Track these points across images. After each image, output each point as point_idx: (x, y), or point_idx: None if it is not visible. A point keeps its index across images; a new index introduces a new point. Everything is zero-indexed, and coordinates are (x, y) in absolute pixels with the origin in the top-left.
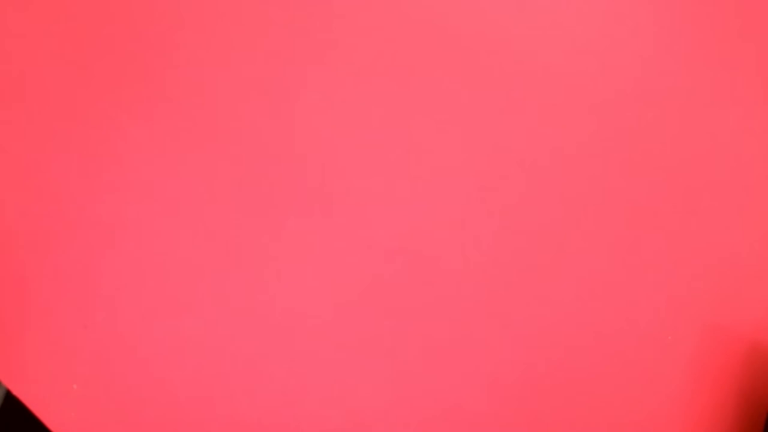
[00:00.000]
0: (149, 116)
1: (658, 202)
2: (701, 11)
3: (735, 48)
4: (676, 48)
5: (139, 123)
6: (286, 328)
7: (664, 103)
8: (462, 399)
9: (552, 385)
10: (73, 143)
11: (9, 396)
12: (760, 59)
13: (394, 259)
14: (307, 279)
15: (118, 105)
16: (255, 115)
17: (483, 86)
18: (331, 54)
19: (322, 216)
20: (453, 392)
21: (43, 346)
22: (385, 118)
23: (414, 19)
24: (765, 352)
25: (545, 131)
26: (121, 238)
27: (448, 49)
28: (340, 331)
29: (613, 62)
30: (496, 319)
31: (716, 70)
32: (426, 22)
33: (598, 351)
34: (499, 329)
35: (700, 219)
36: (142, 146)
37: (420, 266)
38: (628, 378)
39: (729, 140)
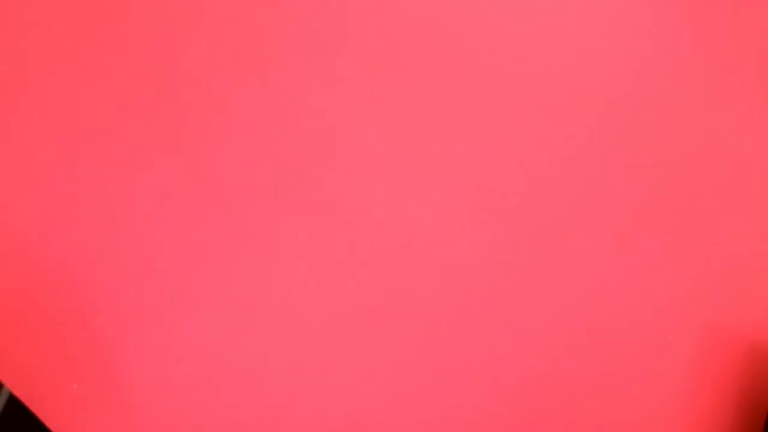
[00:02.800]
0: (151, 116)
1: (658, 203)
2: (701, 11)
3: (735, 48)
4: (675, 48)
5: (141, 122)
6: (287, 327)
7: (664, 103)
8: (462, 399)
9: (552, 385)
10: (74, 143)
11: (11, 398)
12: (760, 59)
13: (395, 258)
14: (307, 278)
15: (119, 105)
16: (256, 114)
17: (483, 86)
18: (332, 56)
19: (322, 215)
20: (453, 392)
21: (43, 346)
22: (386, 118)
23: (413, 21)
24: (765, 352)
25: (545, 131)
26: (121, 238)
27: (449, 50)
28: (339, 330)
29: (613, 63)
30: (497, 319)
31: (716, 70)
32: (425, 23)
33: (598, 351)
34: (500, 329)
35: (700, 219)
36: (143, 146)
37: (421, 266)
38: (628, 378)
39: (729, 140)
